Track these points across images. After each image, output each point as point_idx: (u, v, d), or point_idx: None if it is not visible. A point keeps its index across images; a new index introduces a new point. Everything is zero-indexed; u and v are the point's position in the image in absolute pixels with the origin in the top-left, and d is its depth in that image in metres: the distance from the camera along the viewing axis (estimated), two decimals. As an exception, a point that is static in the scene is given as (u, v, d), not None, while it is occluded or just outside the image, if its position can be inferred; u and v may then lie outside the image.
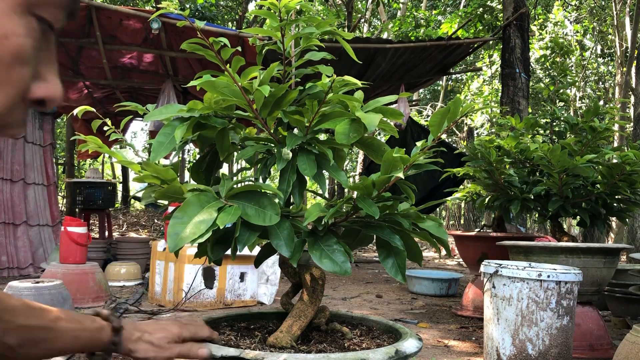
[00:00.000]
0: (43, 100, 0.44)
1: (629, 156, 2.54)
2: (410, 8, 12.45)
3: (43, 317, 0.73)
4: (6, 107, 0.40)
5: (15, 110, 0.41)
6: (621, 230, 10.37)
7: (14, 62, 0.39)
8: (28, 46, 0.39)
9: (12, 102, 0.40)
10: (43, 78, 0.43)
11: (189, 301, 3.37)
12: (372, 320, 1.10)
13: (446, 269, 6.89)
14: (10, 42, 0.38)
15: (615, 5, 12.06)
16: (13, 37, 0.38)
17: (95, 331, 0.77)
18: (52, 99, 0.44)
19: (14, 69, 0.39)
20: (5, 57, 0.38)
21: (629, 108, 10.93)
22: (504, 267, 2.12)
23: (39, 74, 0.43)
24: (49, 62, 0.44)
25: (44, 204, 5.22)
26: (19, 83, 0.40)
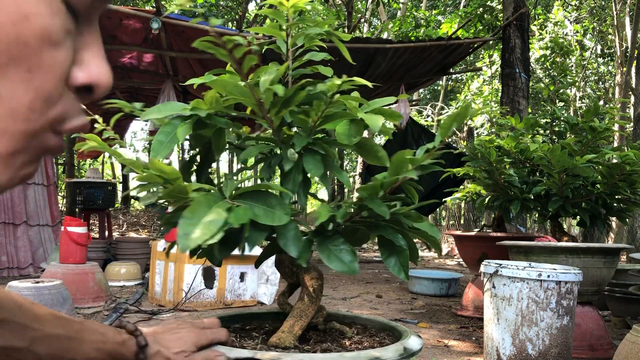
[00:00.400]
0: (90, 87, 0.40)
1: (629, 156, 2.55)
2: (410, 8, 12.45)
3: (68, 326, 0.72)
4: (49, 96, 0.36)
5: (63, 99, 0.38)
6: (621, 230, 10.38)
7: (42, 45, 0.35)
8: (56, 26, 0.36)
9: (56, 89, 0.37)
10: (84, 62, 0.40)
11: (189, 301, 3.37)
12: (365, 318, 1.10)
13: (446, 269, 6.89)
14: (33, 23, 0.34)
15: (615, 5, 12.06)
16: (35, 18, 0.34)
17: (119, 344, 0.75)
18: (98, 83, 0.40)
19: (43, 53, 0.35)
20: (30, 39, 0.34)
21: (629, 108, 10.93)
22: (504, 267, 2.12)
23: (79, 59, 0.39)
24: (91, 45, 0.40)
25: (44, 204, 5.22)
26: (55, 68, 0.36)
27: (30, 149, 0.38)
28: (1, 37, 0.33)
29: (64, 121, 0.39)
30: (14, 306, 0.68)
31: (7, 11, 0.33)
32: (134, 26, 4.94)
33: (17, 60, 0.34)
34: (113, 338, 0.75)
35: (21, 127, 0.36)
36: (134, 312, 3.20)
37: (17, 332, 0.66)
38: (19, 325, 0.67)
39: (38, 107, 0.36)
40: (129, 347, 0.77)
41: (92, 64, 0.40)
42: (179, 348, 0.79)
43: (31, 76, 0.35)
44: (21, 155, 0.38)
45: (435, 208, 7.24)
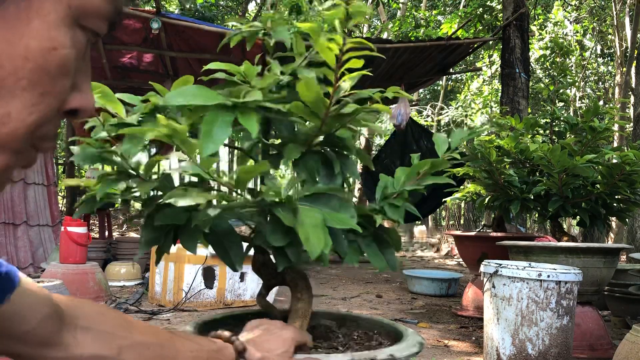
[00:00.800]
0: (76, 111, 0.43)
1: (629, 156, 2.55)
2: (410, 8, 12.46)
3: (158, 334, 0.69)
4: (46, 118, 0.40)
5: (52, 121, 0.41)
6: (621, 230, 10.38)
7: (59, 74, 0.39)
8: (72, 57, 0.39)
9: (52, 112, 0.40)
10: (79, 88, 0.43)
11: (189, 301, 3.38)
12: (355, 316, 1.11)
13: (446, 269, 6.89)
14: (58, 53, 0.38)
15: (615, 5, 12.07)
16: (61, 49, 0.38)
17: (215, 352, 0.71)
18: (85, 109, 0.44)
19: (58, 81, 0.39)
20: (52, 68, 0.38)
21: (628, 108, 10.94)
22: (504, 267, 2.12)
23: (75, 84, 0.42)
24: (85, 72, 0.44)
25: (44, 204, 5.22)
26: (60, 94, 0.40)
27: (16, 164, 0.41)
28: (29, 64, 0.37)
29: (45, 140, 0.42)
30: (96, 314, 0.66)
31: (41, 40, 0.37)
32: (134, 26, 4.94)
33: (36, 85, 0.38)
34: (208, 346, 0.72)
35: (16, 145, 0.39)
36: (134, 312, 3.20)
37: (102, 340, 0.64)
38: (103, 333, 0.64)
39: (34, 129, 0.39)
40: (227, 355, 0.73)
41: (84, 90, 0.43)
42: (281, 349, 0.75)
43: (41, 100, 0.38)
44: (10, 169, 0.41)
45: (435, 208, 7.23)
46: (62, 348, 0.62)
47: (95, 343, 0.63)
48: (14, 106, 0.37)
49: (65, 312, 0.64)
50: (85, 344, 0.63)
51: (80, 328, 0.64)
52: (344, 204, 0.75)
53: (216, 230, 0.82)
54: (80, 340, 0.63)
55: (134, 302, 3.47)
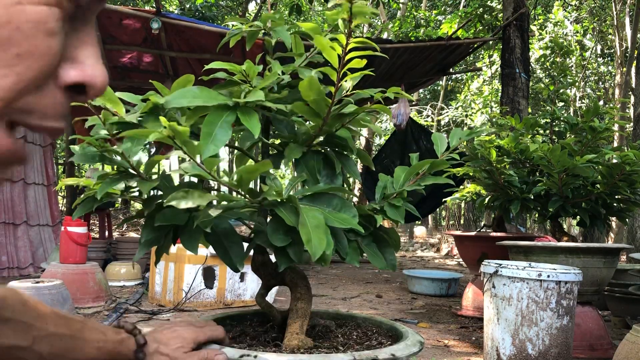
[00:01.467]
0: (82, 86, 0.39)
1: (629, 156, 2.55)
2: (410, 8, 12.46)
3: (70, 325, 0.72)
4: (29, 84, 0.35)
5: (43, 93, 0.37)
6: (621, 230, 10.38)
7: (36, 32, 0.34)
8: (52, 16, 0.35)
9: (37, 78, 0.35)
10: (79, 61, 0.38)
11: (189, 301, 3.37)
12: (353, 315, 1.11)
13: (446, 269, 6.89)
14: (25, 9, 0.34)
15: (615, 5, 12.07)
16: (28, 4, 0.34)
17: (118, 343, 0.76)
18: (92, 83, 0.39)
19: (37, 40, 0.34)
20: (23, 24, 0.33)
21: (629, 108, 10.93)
22: (504, 267, 2.12)
23: (73, 57, 0.38)
24: (87, 44, 0.39)
25: (44, 204, 5.22)
26: (46, 57, 0.35)
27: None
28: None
29: (32, 115, 0.37)
30: (19, 305, 0.68)
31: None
32: (134, 26, 4.94)
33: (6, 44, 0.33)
34: (113, 337, 0.76)
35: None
36: (134, 312, 3.20)
37: (20, 331, 0.66)
38: (22, 324, 0.67)
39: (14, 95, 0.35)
40: (129, 346, 0.77)
41: (87, 63, 0.39)
42: (178, 344, 0.80)
43: (18, 62, 0.34)
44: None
45: (435, 208, 7.23)
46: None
47: (12, 333, 0.66)
48: None
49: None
50: (3, 335, 0.65)
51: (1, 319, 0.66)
52: (345, 204, 0.76)
53: (217, 230, 0.83)
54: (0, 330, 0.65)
55: (134, 302, 3.47)
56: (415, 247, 11.59)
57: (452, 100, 16.22)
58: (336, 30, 0.92)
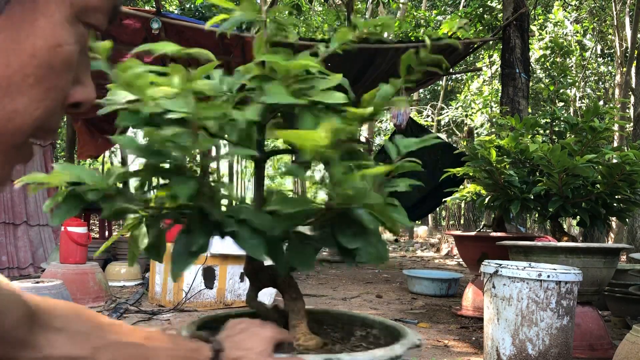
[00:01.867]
0: (79, 104, 0.45)
1: (629, 156, 2.55)
2: (410, 8, 12.46)
3: (134, 334, 0.69)
4: (51, 112, 0.41)
5: (56, 114, 0.43)
6: (621, 230, 10.38)
7: (63, 70, 0.41)
8: (75, 53, 0.41)
9: (57, 107, 0.42)
10: (81, 82, 0.45)
11: (189, 301, 3.38)
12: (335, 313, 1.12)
13: (446, 269, 6.89)
14: (63, 50, 0.40)
15: (615, 5, 12.07)
16: (65, 46, 0.40)
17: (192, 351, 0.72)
18: (87, 101, 0.45)
19: (62, 76, 0.41)
20: (57, 64, 0.40)
21: (629, 108, 10.93)
22: (504, 267, 2.12)
23: (77, 78, 0.44)
24: (85, 65, 0.46)
25: (44, 204, 5.22)
26: (64, 89, 0.42)
27: (17, 159, 0.43)
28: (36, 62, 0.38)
29: (45, 133, 0.43)
30: (72, 314, 0.66)
31: (46, 38, 0.39)
32: (134, 26, 4.94)
33: (42, 81, 0.39)
34: (185, 345, 0.72)
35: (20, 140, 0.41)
36: (134, 312, 3.20)
37: (77, 341, 0.64)
38: (78, 334, 0.65)
39: (40, 123, 0.41)
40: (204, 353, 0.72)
41: (86, 84, 0.45)
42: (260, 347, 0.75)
43: (47, 95, 0.40)
44: (13, 164, 0.43)
45: (434, 208, 7.24)
46: (35, 349, 0.62)
47: (68, 344, 0.64)
48: (21, 102, 0.39)
49: (39, 313, 0.64)
50: (59, 345, 0.63)
51: (53, 329, 0.64)
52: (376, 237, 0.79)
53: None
54: (53, 341, 0.63)
55: (134, 302, 3.47)
56: (415, 247, 11.59)
57: (452, 100, 16.23)
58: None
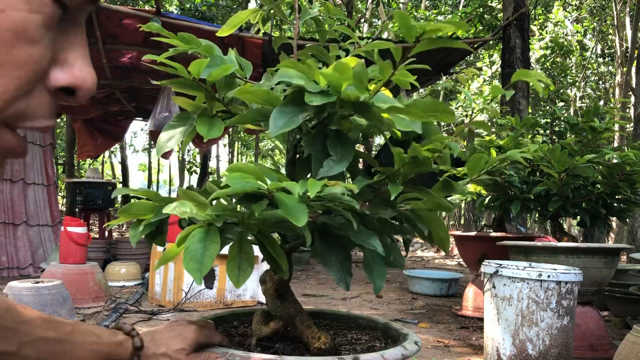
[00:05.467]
0: (71, 89, 0.39)
1: (629, 156, 2.54)
2: (410, 8, 12.46)
3: (59, 329, 0.71)
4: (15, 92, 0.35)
5: (31, 97, 0.37)
6: (621, 230, 10.38)
7: (17, 40, 0.34)
8: (34, 22, 0.35)
9: (22, 86, 0.36)
10: (68, 63, 0.39)
11: (188, 301, 3.37)
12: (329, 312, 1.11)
13: (446, 269, 6.89)
14: (7, 16, 0.34)
15: (615, 5, 12.06)
16: (11, 12, 0.34)
17: (114, 345, 0.75)
18: (80, 86, 0.39)
19: (17, 48, 0.34)
20: (3, 33, 0.34)
21: (629, 108, 10.93)
22: (504, 267, 2.12)
23: (62, 59, 0.38)
24: (76, 46, 0.39)
25: (43, 204, 5.22)
26: (27, 65, 0.35)
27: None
28: None
29: (24, 119, 0.38)
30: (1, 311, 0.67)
31: None
32: (134, 26, 4.94)
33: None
34: (109, 339, 0.75)
35: None
36: (134, 312, 3.19)
37: (5, 337, 0.66)
38: (6, 330, 0.66)
39: (6, 106, 0.35)
40: (126, 348, 0.76)
41: (76, 66, 0.39)
42: (179, 345, 0.78)
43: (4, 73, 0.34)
44: None
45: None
46: None
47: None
48: None
49: None
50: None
51: None
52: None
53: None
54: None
55: (134, 302, 3.46)
56: (416, 247, 11.59)
57: (452, 100, 16.22)
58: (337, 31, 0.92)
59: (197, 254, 0.63)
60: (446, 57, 5.96)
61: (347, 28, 0.93)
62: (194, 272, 0.62)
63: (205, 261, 0.63)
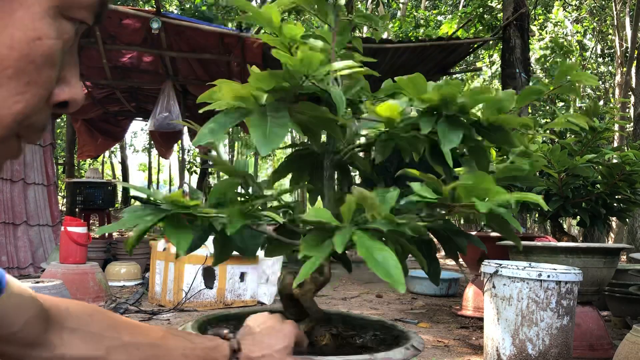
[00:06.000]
0: (66, 103, 0.44)
1: (629, 156, 2.55)
2: (410, 8, 12.46)
3: (149, 334, 0.69)
4: (34, 108, 0.41)
5: (40, 112, 0.42)
6: (621, 230, 10.38)
7: (44, 64, 0.39)
8: (58, 48, 0.40)
9: (40, 103, 0.41)
10: (67, 81, 0.44)
11: (189, 301, 3.37)
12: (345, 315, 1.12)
13: (446, 269, 6.89)
14: (43, 44, 0.39)
15: (615, 5, 12.06)
16: (45, 40, 0.39)
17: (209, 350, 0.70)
18: (74, 101, 0.45)
19: (43, 71, 0.40)
20: (37, 58, 0.39)
21: (629, 108, 10.93)
22: (504, 267, 2.12)
23: (63, 77, 0.43)
24: (72, 64, 0.45)
25: (44, 204, 5.22)
26: (46, 84, 0.41)
27: (2, 154, 0.42)
28: (15, 53, 0.38)
29: (32, 130, 0.43)
30: (84, 316, 0.66)
31: (25, 30, 0.38)
32: (134, 26, 4.94)
33: (21, 74, 0.38)
34: (202, 344, 0.71)
35: (2, 133, 0.40)
36: (134, 312, 3.20)
37: (91, 342, 0.64)
38: (92, 334, 0.65)
39: (21, 118, 0.40)
40: (222, 351, 0.71)
41: (72, 83, 0.44)
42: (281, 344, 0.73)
43: (27, 89, 0.39)
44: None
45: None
46: (49, 348, 0.62)
47: (82, 344, 0.64)
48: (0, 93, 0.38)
49: (53, 313, 0.64)
50: (72, 345, 0.63)
51: (67, 329, 0.64)
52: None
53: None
54: (67, 341, 0.63)
55: (134, 302, 3.46)
56: (415, 247, 11.57)
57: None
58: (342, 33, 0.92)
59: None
60: (446, 57, 5.97)
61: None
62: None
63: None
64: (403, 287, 0.58)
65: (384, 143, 0.82)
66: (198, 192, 0.81)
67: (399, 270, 0.60)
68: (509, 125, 0.70)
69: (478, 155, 0.75)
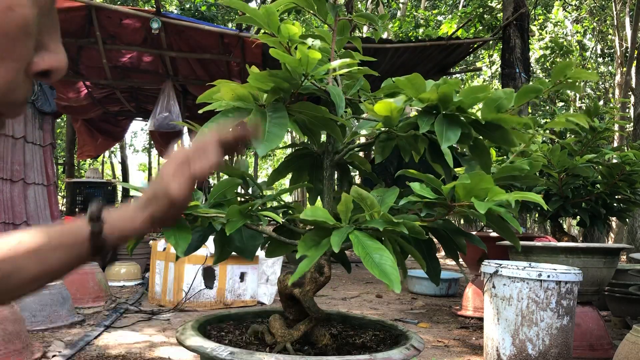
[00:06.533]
0: (48, 72, 0.40)
1: (629, 156, 2.55)
2: (410, 8, 12.45)
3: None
4: (12, 83, 0.37)
5: (19, 87, 0.38)
6: (621, 230, 10.37)
7: (19, 35, 0.36)
8: (33, 16, 0.36)
9: (17, 77, 0.37)
10: (46, 47, 0.40)
11: (189, 301, 3.37)
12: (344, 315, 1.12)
13: (446, 269, 6.89)
14: (15, 13, 0.35)
15: (615, 5, 12.06)
16: (18, 9, 0.35)
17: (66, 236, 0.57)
18: (57, 69, 0.41)
19: (18, 43, 0.36)
20: (11, 30, 0.35)
21: (629, 108, 10.93)
22: (504, 267, 2.12)
23: (42, 44, 0.39)
24: (52, 29, 0.40)
25: (44, 204, 5.22)
26: (23, 56, 0.37)
27: None
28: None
29: (13, 107, 0.39)
30: None
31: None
32: (134, 26, 4.94)
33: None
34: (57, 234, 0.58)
35: None
36: (134, 312, 3.19)
37: None
38: None
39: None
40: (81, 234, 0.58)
41: (53, 49, 0.40)
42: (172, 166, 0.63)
43: (2, 65, 0.35)
44: None
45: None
46: None
47: None
48: None
49: None
50: None
51: None
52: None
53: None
54: None
55: (134, 302, 3.46)
56: (415, 247, 11.57)
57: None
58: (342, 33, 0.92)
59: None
60: (446, 57, 5.97)
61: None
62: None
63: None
64: (399, 287, 0.58)
65: (383, 143, 0.82)
66: (198, 192, 0.81)
67: (395, 270, 0.60)
68: (507, 124, 0.71)
69: (480, 154, 0.75)
